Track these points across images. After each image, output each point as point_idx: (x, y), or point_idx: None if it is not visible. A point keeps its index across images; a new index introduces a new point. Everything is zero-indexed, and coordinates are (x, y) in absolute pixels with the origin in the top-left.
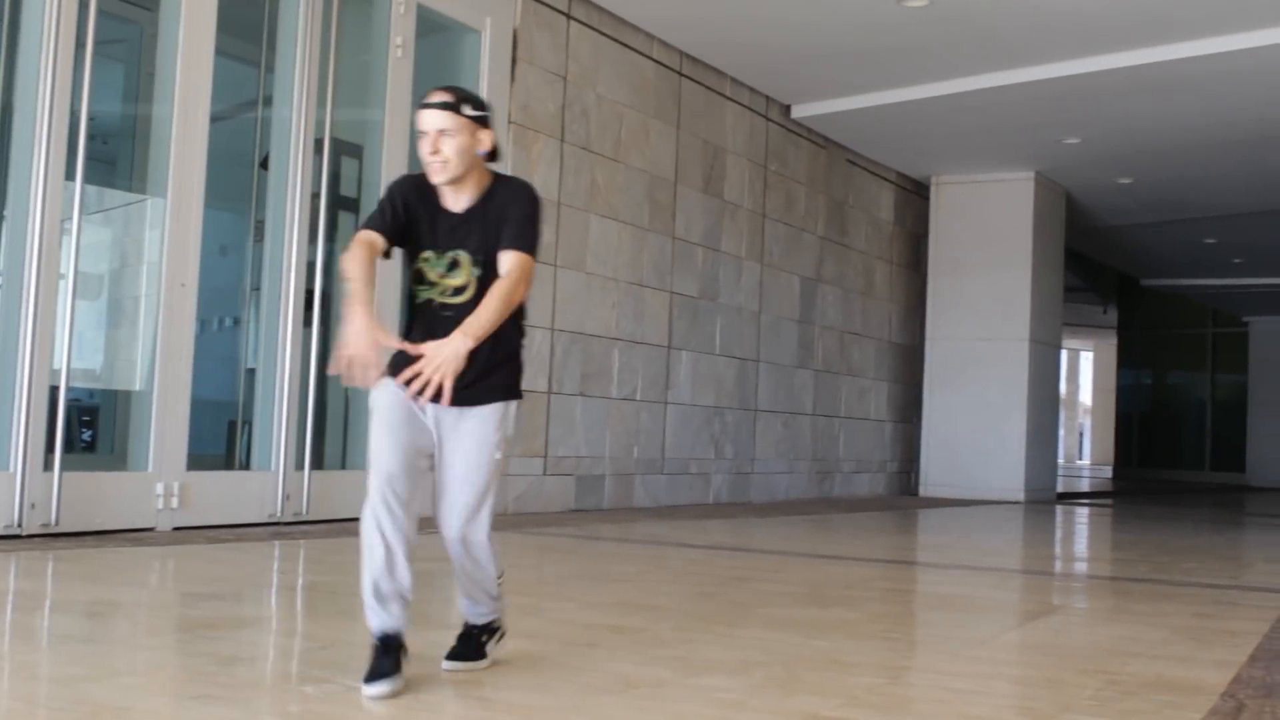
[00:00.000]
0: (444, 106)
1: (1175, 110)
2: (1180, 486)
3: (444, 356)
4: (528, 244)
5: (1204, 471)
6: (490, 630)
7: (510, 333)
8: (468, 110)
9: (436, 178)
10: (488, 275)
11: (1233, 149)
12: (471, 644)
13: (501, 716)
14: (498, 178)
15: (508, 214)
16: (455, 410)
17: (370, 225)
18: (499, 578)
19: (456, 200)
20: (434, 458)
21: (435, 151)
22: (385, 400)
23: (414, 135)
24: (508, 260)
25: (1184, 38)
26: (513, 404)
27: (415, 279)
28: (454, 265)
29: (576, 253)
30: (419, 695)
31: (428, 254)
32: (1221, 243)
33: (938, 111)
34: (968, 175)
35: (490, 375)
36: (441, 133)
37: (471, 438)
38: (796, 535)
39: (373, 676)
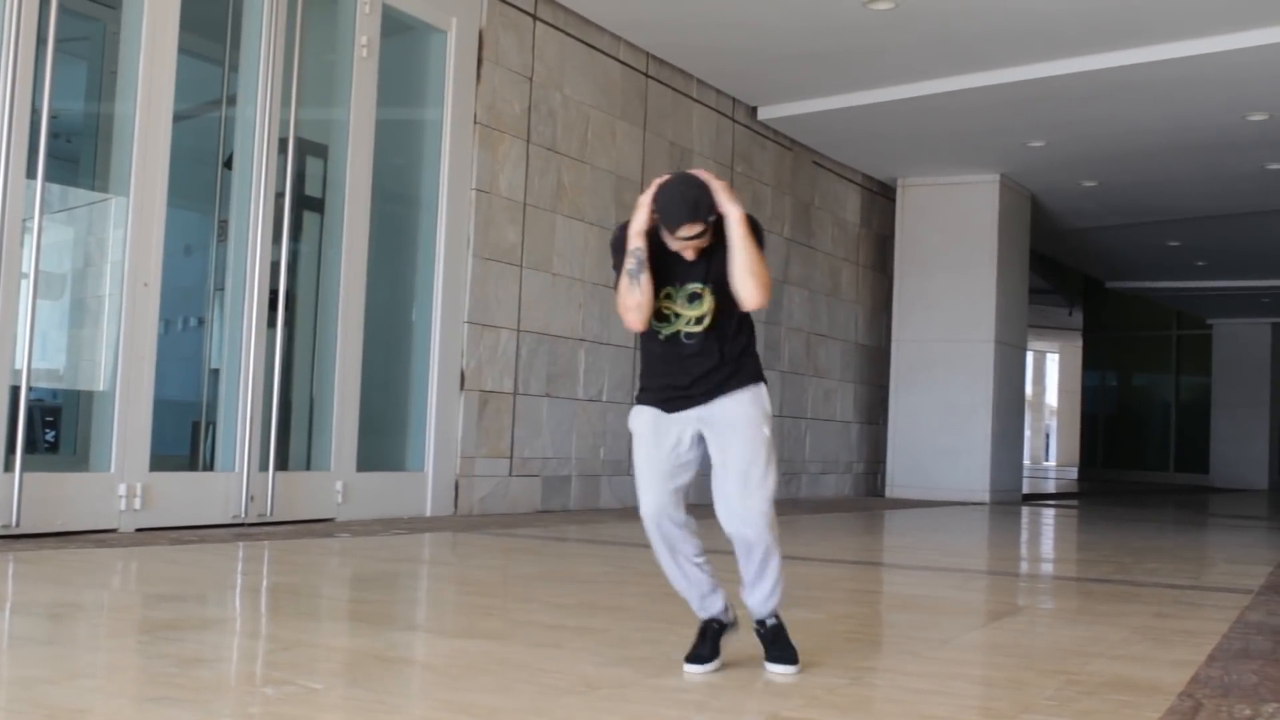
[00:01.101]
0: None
1: (1138, 114)
2: (1144, 488)
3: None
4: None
5: (1168, 473)
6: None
7: (745, 341)
8: (710, 216)
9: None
10: (720, 296)
11: (1195, 153)
12: (782, 639)
13: (463, 717)
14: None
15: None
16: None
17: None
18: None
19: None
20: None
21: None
22: (642, 429)
23: (380, 134)
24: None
25: (1146, 43)
26: (763, 387)
27: (657, 316)
28: (695, 297)
29: (543, 254)
30: (382, 697)
31: (669, 290)
32: (1185, 245)
33: (904, 114)
34: (933, 178)
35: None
36: (697, 236)
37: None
38: None
39: (690, 659)
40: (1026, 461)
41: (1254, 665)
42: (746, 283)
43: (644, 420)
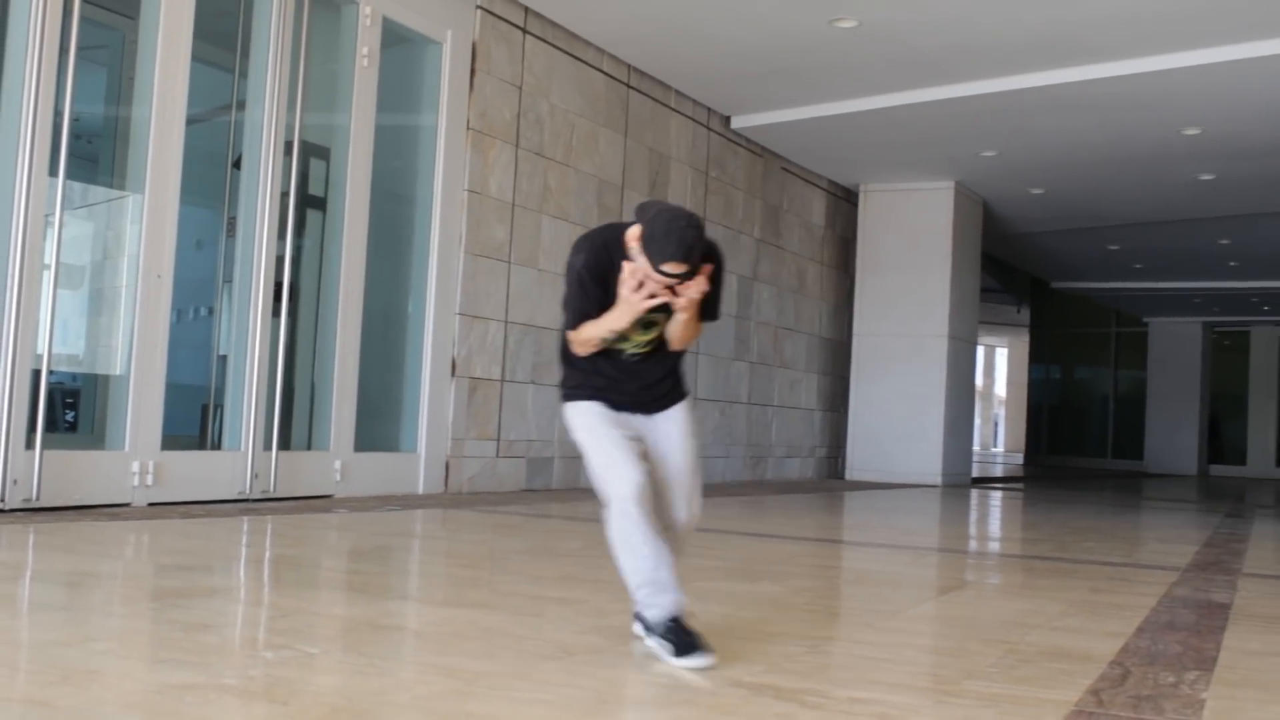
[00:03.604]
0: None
1: (1082, 128)
2: (1085, 472)
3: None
4: (715, 314)
5: (1106, 459)
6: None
7: (678, 361)
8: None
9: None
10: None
11: (1134, 164)
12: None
13: (450, 681)
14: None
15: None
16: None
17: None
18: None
19: None
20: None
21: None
22: (595, 416)
23: (379, 138)
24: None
25: (1090, 61)
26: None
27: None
28: (650, 324)
29: (529, 251)
30: (374, 661)
31: None
32: (1124, 250)
33: (866, 125)
34: (893, 184)
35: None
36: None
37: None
38: (730, 515)
39: (692, 649)
40: (976, 447)
41: (1179, 636)
42: (677, 342)
43: (594, 409)
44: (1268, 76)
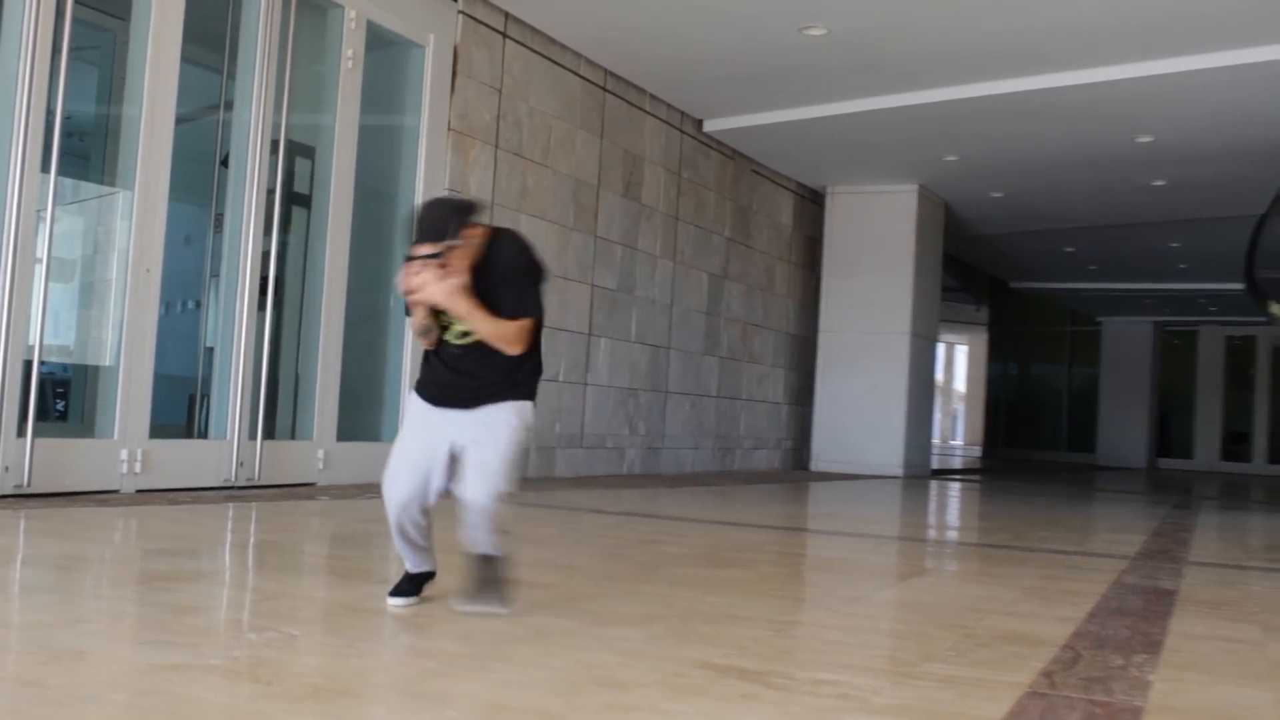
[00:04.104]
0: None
1: (1040, 133)
2: (1040, 465)
3: (432, 285)
4: (524, 313)
5: (1061, 452)
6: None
7: (513, 363)
8: (448, 239)
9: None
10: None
11: (1090, 169)
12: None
13: (427, 662)
14: (495, 237)
15: (501, 283)
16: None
17: None
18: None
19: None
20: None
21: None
22: (412, 417)
23: (363, 138)
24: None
25: (1049, 70)
26: (525, 405)
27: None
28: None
29: None
30: (354, 643)
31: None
32: (1079, 251)
33: (833, 129)
34: (859, 186)
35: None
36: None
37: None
38: (700, 504)
39: (398, 593)
40: (936, 440)
41: (1128, 621)
42: (494, 343)
43: (414, 408)
44: (1216, 87)
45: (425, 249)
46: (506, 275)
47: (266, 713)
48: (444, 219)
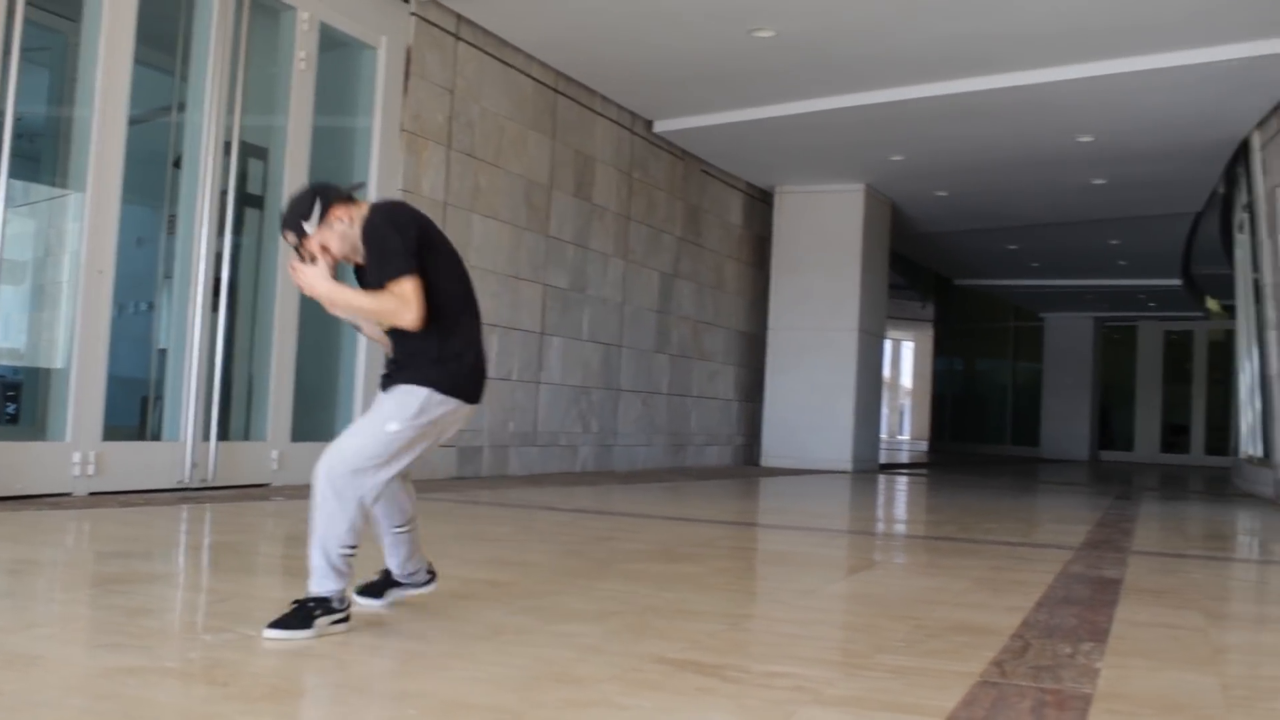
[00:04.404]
0: (294, 241)
1: (984, 134)
2: (985, 458)
3: (309, 275)
4: (395, 279)
5: (1005, 445)
6: (320, 601)
7: (416, 343)
8: (309, 226)
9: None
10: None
11: (1032, 169)
12: (299, 610)
13: (386, 661)
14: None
15: (368, 252)
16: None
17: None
18: (345, 547)
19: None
20: None
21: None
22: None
23: (316, 139)
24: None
25: (991, 72)
26: (418, 390)
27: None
28: None
29: (460, 248)
30: (312, 644)
31: None
32: (1022, 249)
33: (781, 129)
34: (807, 186)
35: (402, 371)
36: (321, 251)
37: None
38: (653, 500)
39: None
40: (884, 435)
41: (1075, 610)
42: (386, 321)
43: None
44: (1153, 88)
45: (288, 238)
46: (369, 246)
47: (224, 714)
48: (300, 206)
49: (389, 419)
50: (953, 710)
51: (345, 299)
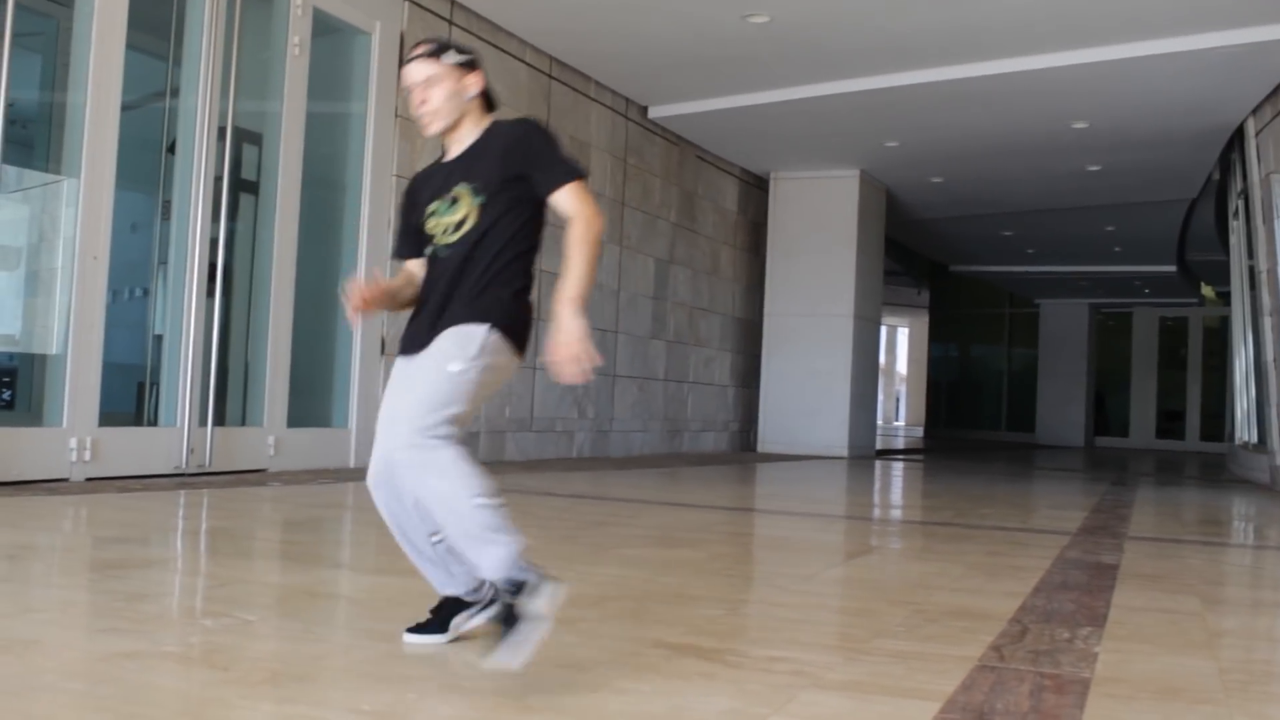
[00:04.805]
0: (425, 56)
1: (979, 121)
2: (981, 444)
3: (563, 343)
4: (571, 172)
5: (1001, 431)
6: (514, 584)
7: (485, 272)
8: (450, 58)
9: (429, 129)
10: (491, 205)
11: (1027, 155)
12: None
13: (384, 645)
14: (497, 121)
15: (522, 151)
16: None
17: (396, 255)
18: (479, 498)
19: (458, 144)
20: None
21: (422, 102)
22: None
23: (310, 125)
24: (565, 198)
25: (985, 58)
26: (478, 327)
27: (426, 240)
28: (454, 201)
29: None
30: (310, 627)
31: (432, 206)
32: (1017, 235)
33: (777, 115)
34: (802, 172)
35: (452, 307)
36: (426, 82)
37: (421, 359)
38: (649, 486)
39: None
40: (879, 421)
41: (1072, 595)
42: (595, 249)
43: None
44: (1148, 75)
45: (419, 50)
46: (530, 145)
47: (224, 698)
48: (458, 45)
49: (448, 359)
50: (952, 694)
51: (583, 284)
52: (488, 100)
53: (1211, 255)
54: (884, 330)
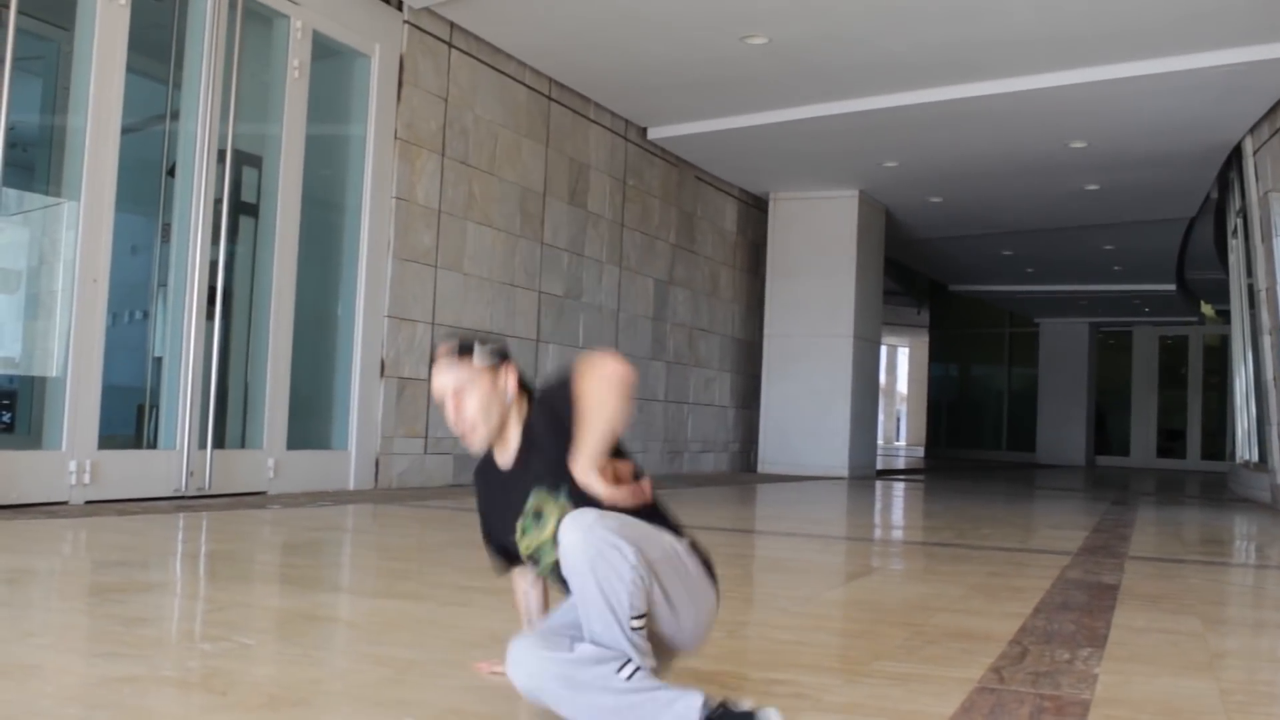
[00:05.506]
0: (450, 358)
1: (978, 141)
2: (981, 464)
3: (608, 499)
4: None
5: (1001, 451)
6: None
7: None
8: (479, 359)
9: (471, 446)
10: (576, 496)
11: (1025, 175)
12: None
13: (383, 669)
14: (534, 402)
15: (562, 414)
16: None
17: (499, 572)
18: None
19: (505, 451)
20: None
21: (457, 413)
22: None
23: (310, 147)
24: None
25: (983, 78)
26: None
27: (531, 561)
28: (539, 515)
29: (455, 256)
30: (309, 651)
31: (521, 524)
32: (1017, 255)
33: (775, 136)
34: (801, 192)
35: None
36: (457, 392)
37: None
38: None
39: None
40: (880, 441)
41: (1073, 616)
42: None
43: None
44: (1146, 94)
45: (442, 352)
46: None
47: None
48: (482, 338)
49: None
50: (951, 716)
51: (598, 446)
52: (524, 387)
53: (1211, 273)
54: (884, 350)
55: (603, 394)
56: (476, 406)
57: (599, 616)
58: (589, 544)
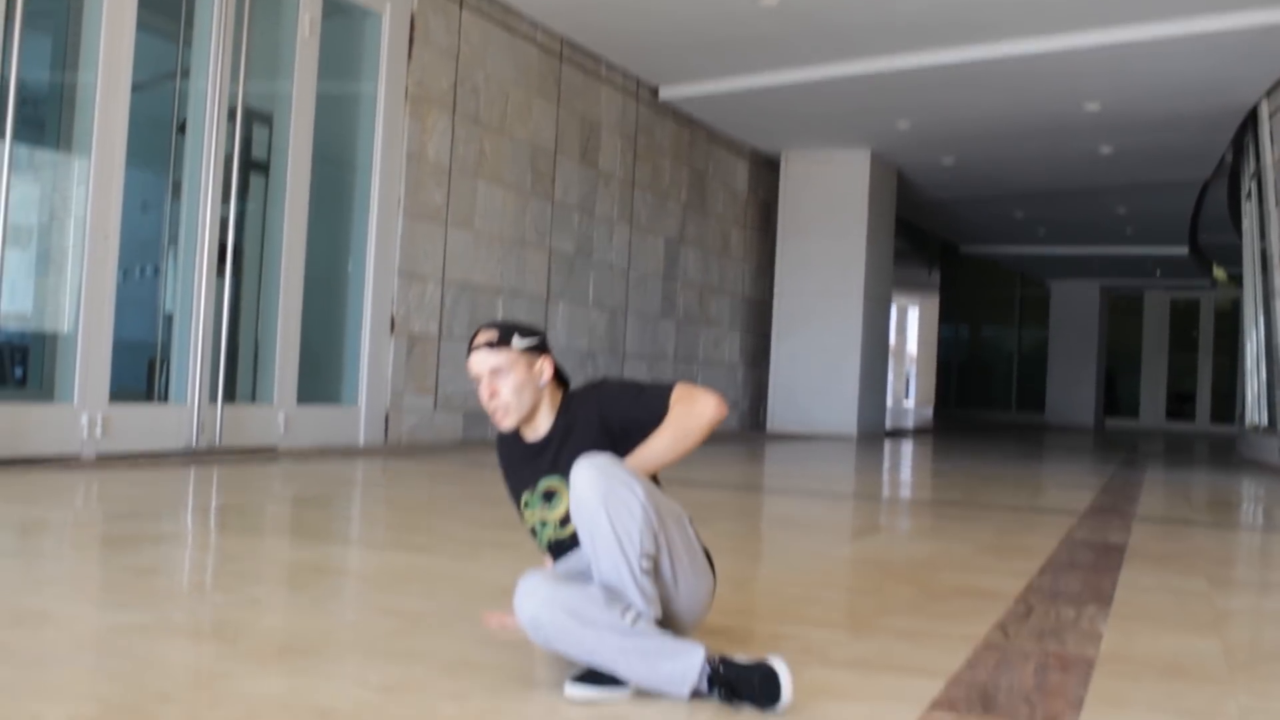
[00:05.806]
0: (489, 345)
1: (989, 102)
2: (990, 424)
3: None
4: (664, 388)
5: (1010, 411)
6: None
7: None
8: (518, 343)
9: (502, 425)
10: None
11: (1039, 137)
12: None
13: (392, 620)
14: (569, 396)
15: (619, 411)
16: None
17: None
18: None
19: (534, 432)
20: None
21: (492, 394)
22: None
23: (320, 105)
24: (675, 402)
25: (996, 39)
26: None
27: (531, 532)
28: (549, 496)
29: (465, 214)
30: (319, 602)
31: (525, 497)
32: (1028, 216)
33: (787, 96)
34: (812, 152)
35: None
36: (493, 373)
37: None
38: None
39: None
40: (889, 401)
41: (1079, 575)
42: (682, 442)
43: None
44: (1161, 57)
45: (480, 338)
46: (615, 399)
47: (233, 672)
48: (522, 327)
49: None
50: (957, 672)
51: (651, 459)
52: (558, 377)
53: (1224, 237)
54: (894, 310)
55: (689, 427)
56: (511, 390)
57: (608, 554)
58: (602, 479)
